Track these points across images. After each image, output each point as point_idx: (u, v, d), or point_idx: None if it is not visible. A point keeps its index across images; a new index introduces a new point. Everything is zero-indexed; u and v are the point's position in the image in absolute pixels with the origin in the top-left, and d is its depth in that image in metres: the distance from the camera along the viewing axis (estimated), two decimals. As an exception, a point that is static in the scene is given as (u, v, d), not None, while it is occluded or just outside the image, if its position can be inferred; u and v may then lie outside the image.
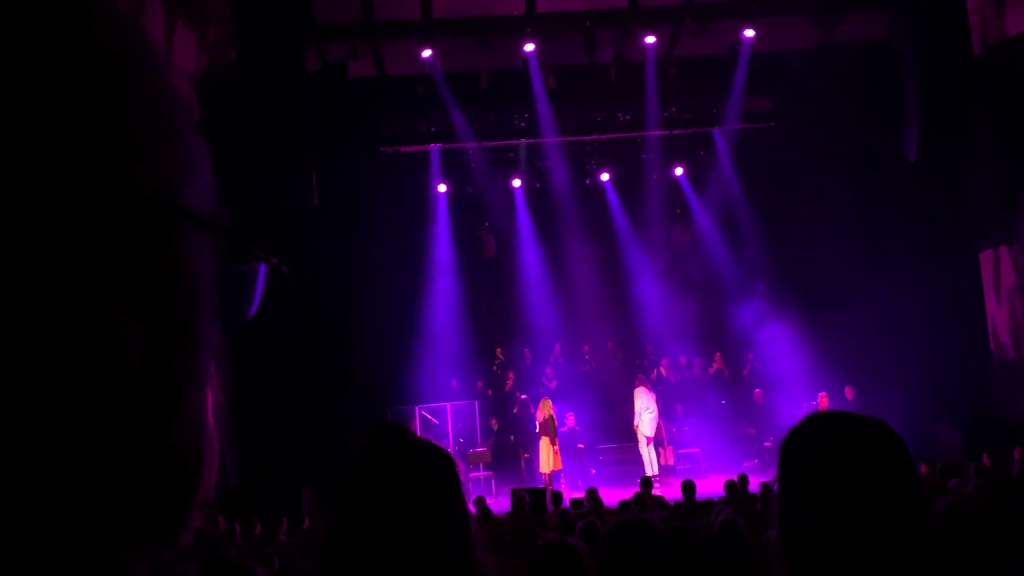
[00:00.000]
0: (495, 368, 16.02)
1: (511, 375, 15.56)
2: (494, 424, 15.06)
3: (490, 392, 15.60)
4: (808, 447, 1.33)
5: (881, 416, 1.36)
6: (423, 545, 1.21)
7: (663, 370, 15.34)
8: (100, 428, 0.43)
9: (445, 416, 14.54)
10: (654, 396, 13.83)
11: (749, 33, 13.96)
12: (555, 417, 13.48)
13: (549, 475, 13.20)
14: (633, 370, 15.02)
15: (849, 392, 13.41)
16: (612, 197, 16.94)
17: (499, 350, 16.10)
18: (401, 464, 1.25)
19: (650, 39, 14.09)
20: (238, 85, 12.75)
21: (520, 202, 16.91)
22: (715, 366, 15.50)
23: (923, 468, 9.08)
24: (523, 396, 14.90)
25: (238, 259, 0.52)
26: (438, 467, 1.28)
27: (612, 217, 16.96)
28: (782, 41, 14.55)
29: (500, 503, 11.81)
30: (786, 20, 14.17)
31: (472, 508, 1.34)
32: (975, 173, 12.71)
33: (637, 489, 9.92)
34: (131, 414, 0.44)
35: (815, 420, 1.37)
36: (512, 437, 14.83)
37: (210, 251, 0.49)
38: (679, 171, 16.72)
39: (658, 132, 15.77)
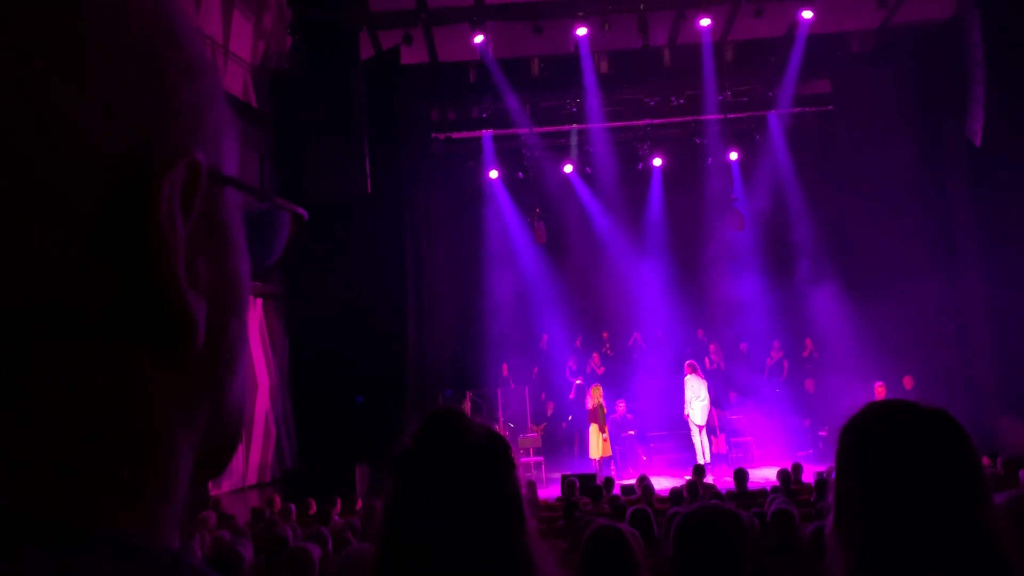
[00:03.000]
0: (548, 349, 16.02)
1: (571, 361, 15.56)
2: (549, 409, 15.08)
3: (536, 378, 15.57)
4: (867, 435, 1.31)
5: (942, 407, 1.33)
6: (476, 527, 1.23)
7: (713, 356, 15.16)
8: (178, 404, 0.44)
9: (496, 401, 14.62)
10: (706, 383, 13.68)
11: (807, 15, 13.62)
12: (605, 404, 13.46)
13: (599, 462, 13.20)
14: (683, 357, 14.89)
15: (908, 382, 13.07)
16: (665, 182, 16.77)
17: (545, 336, 16.10)
18: (456, 447, 1.27)
19: (705, 21, 13.86)
20: (293, 73, 12.93)
21: (572, 188, 16.85)
22: (776, 356, 15.24)
23: (985, 460, 8.84)
24: (578, 382, 14.90)
25: (263, 208, 0.53)
26: (492, 450, 1.29)
27: (665, 202, 16.79)
28: (841, 22, 14.18)
29: (550, 489, 11.86)
30: (846, 0, 13.80)
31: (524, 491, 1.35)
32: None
33: (689, 477, 9.87)
34: (201, 385, 0.45)
35: (875, 408, 1.35)
36: (564, 424, 14.85)
37: (245, 212, 0.50)
38: (734, 155, 16.46)
39: (713, 116, 15.54)
